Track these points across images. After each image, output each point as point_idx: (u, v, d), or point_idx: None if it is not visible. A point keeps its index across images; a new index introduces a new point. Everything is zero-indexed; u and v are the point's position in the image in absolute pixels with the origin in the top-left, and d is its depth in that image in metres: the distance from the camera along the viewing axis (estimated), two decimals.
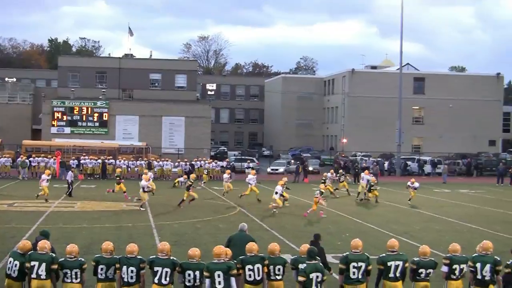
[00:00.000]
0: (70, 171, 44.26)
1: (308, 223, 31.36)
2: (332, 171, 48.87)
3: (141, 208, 35.18)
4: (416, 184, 41.75)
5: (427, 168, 72.38)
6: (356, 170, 60.38)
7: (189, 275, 13.68)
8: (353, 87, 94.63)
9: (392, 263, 14.53)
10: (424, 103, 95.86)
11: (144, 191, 35.76)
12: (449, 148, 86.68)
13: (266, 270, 14.25)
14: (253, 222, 30.55)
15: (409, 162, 75.16)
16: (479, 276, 14.51)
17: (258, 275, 14.12)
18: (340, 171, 50.67)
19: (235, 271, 13.63)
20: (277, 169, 70.53)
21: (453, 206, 41.08)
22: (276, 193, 35.09)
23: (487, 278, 14.50)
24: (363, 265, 14.37)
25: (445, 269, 14.77)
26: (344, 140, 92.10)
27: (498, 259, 14.77)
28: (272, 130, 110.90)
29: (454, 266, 14.73)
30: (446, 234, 28.31)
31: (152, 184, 39.63)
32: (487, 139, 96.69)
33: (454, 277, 14.72)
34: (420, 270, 14.66)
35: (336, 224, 31.61)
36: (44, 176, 38.99)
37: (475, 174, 74.45)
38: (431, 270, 14.74)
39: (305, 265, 13.82)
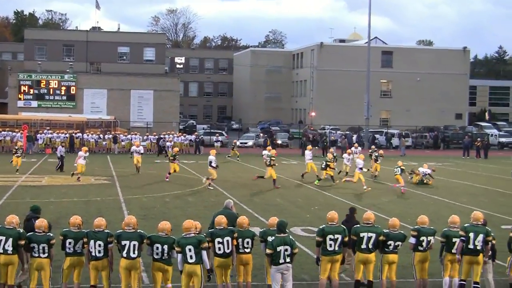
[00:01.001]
0: (60, 146, 43.44)
1: (278, 196, 31.40)
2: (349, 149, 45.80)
3: (209, 187, 33.76)
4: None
5: (395, 141, 72.81)
6: (325, 144, 60.55)
7: (157, 248, 13.64)
8: (322, 61, 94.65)
9: (365, 234, 14.67)
10: (392, 76, 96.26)
11: (212, 167, 34.29)
12: (417, 121, 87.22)
13: (235, 243, 14.24)
14: (222, 196, 30.50)
15: (377, 136, 75.50)
16: (471, 246, 14.69)
17: (228, 248, 14.12)
18: (373, 147, 47.58)
19: (205, 244, 13.60)
20: (246, 143, 70.50)
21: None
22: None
23: (478, 247, 14.71)
24: (339, 237, 14.47)
25: (412, 240, 14.94)
26: (313, 114, 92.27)
27: (489, 229, 15.03)
28: (241, 104, 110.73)
29: (422, 238, 14.91)
30: (414, 207, 28.52)
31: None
32: (453, 112, 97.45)
33: (422, 248, 14.92)
34: (389, 242, 14.80)
35: (305, 197, 31.69)
36: (81, 153, 36.83)
37: (442, 147, 75.07)
38: (399, 243, 14.89)
39: (273, 237, 13.84)
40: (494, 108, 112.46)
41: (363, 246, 14.63)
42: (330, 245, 14.42)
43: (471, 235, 14.71)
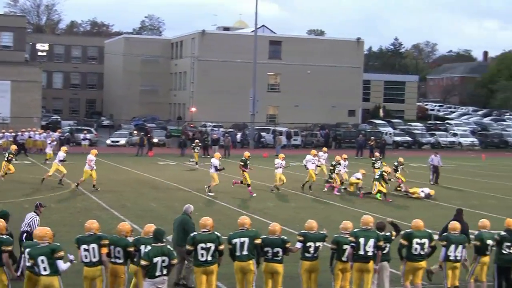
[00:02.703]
0: None
1: (153, 200, 31.28)
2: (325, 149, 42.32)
3: (210, 193, 33.94)
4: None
5: (283, 140, 73.72)
6: (206, 142, 60.69)
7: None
8: (204, 50, 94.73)
9: (237, 240, 14.87)
10: (280, 69, 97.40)
11: (216, 170, 34.16)
12: (307, 118, 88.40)
13: (105, 251, 14.27)
14: (89, 200, 30.14)
15: (263, 133, 76.32)
16: (361, 252, 15.08)
17: (94, 256, 14.16)
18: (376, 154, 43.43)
19: (60, 253, 13.49)
20: (118, 141, 69.86)
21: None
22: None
23: (369, 253, 15.12)
24: (212, 246, 14.58)
25: (298, 245, 15.26)
26: (193, 109, 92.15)
27: (380, 234, 15.46)
28: (113, 97, 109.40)
29: (308, 244, 15.20)
30: (302, 211, 28.98)
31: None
32: (346, 108, 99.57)
33: (309, 255, 15.22)
34: (266, 249, 15.03)
35: (184, 201, 31.58)
36: (91, 157, 35.06)
37: (334, 146, 76.52)
38: (279, 249, 15.10)
39: (149, 247, 13.79)
40: (389, 105, 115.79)
41: (238, 253, 14.92)
42: (202, 255, 14.59)
43: (361, 240, 15.10)
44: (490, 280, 16.79)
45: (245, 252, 14.74)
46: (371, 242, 15.14)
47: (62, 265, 13.47)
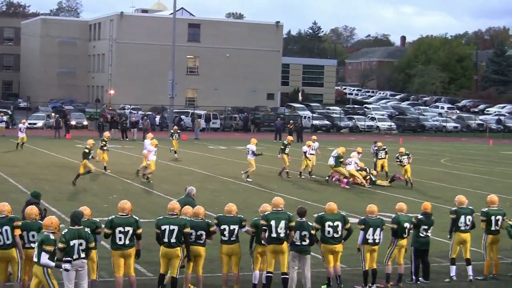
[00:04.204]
0: None
1: (71, 183, 31.01)
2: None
3: (248, 179, 34.23)
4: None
5: (202, 123, 73.78)
6: (124, 125, 60.40)
7: None
8: (122, 33, 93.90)
9: (166, 227, 14.88)
10: (199, 52, 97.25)
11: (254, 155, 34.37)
12: (226, 101, 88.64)
13: (18, 232, 14.25)
14: (7, 183, 29.80)
15: (182, 117, 76.21)
16: (273, 234, 15.26)
17: (7, 239, 14.17)
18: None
19: None
20: (35, 123, 68.88)
21: (229, 164, 42.30)
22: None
23: (282, 235, 15.30)
24: (130, 229, 14.64)
25: (215, 229, 15.36)
26: (112, 92, 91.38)
27: (291, 214, 15.61)
28: (30, 79, 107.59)
29: (223, 227, 15.34)
30: (221, 194, 29.15)
31: None
32: (265, 92, 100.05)
33: (225, 239, 15.32)
34: (190, 231, 15.13)
35: (102, 184, 31.55)
36: (151, 147, 33.00)
37: (252, 129, 76.98)
38: (202, 232, 15.25)
39: (66, 230, 13.74)
40: (308, 88, 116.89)
41: (165, 239, 14.98)
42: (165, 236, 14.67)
43: (272, 223, 15.29)
44: (408, 263, 17.21)
45: (173, 240, 14.80)
46: (282, 224, 15.32)
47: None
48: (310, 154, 36.49)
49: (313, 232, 15.57)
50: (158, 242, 15.14)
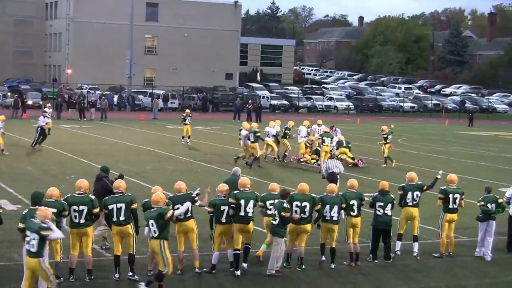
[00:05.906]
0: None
1: (29, 164, 30.77)
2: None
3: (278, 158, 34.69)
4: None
5: (160, 103, 73.38)
6: (82, 105, 59.95)
7: None
8: (79, 11, 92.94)
9: (113, 206, 14.80)
10: (157, 31, 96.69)
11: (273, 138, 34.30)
12: (184, 81, 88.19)
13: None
14: None
15: (140, 96, 75.82)
16: (242, 213, 15.49)
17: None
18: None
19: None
20: None
21: (187, 144, 42.15)
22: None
23: (250, 214, 15.59)
24: (85, 208, 14.63)
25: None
26: (69, 71, 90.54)
27: (259, 194, 15.98)
28: None
29: (176, 206, 15.19)
30: (181, 174, 29.08)
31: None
32: (224, 72, 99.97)
33: (182, 218, 15.18)
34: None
35: (60, 164, 31.32)
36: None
37: (211, 109, 76.86)
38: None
39: (26, 211, 13.64)
40: (266, 68, 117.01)
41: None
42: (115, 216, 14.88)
43: (242, 202, 15.52)
44: (365, 242, 17.39)
45: (122, 218, 14.76)
46: (251, 203, 15.55)
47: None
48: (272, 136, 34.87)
49: (283, 213, 15.49)
50: (107, 222, 15.18)
